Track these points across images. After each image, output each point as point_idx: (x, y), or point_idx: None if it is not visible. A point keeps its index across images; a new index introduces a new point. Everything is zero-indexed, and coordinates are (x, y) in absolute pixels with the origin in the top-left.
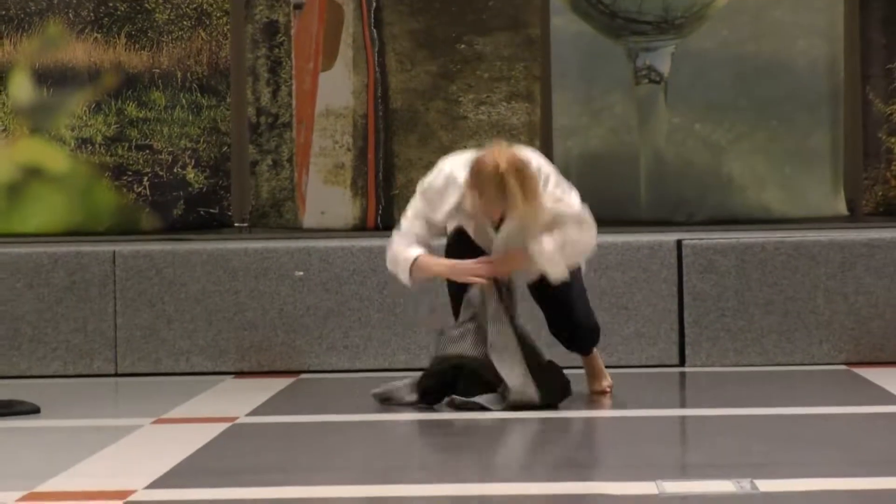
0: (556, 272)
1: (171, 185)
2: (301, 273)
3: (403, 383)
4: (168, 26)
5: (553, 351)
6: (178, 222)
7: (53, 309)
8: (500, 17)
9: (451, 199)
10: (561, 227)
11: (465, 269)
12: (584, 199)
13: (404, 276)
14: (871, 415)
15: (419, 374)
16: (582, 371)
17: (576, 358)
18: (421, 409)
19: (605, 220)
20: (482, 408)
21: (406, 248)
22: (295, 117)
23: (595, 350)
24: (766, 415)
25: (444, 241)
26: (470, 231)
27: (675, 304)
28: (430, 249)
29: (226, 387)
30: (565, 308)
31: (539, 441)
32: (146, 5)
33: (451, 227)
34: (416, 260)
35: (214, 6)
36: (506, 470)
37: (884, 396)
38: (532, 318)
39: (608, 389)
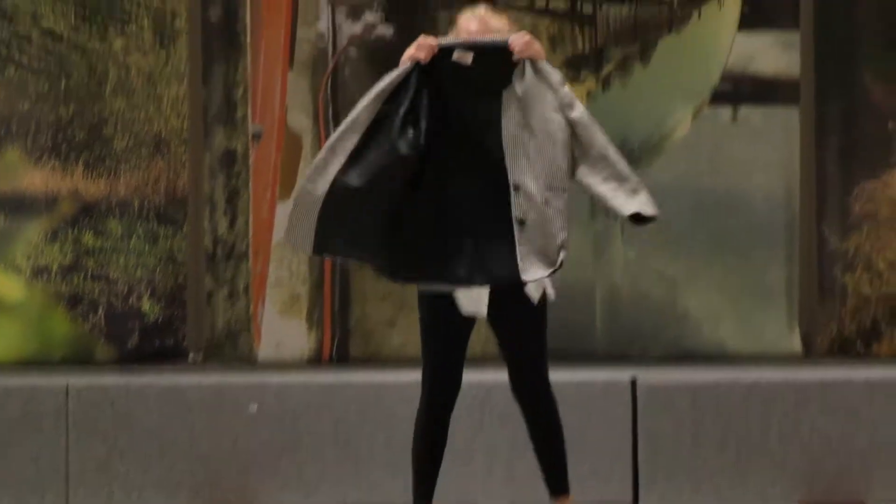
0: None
1: (127, 316)
2: (255, 407)
3: None
4: (126, 154)
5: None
6: (132, 353)
7: (4, 441)
8: None
9: None
10: None
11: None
12: None
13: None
14: None
15: None
16: None
17: None
18: None
19: (561, 352)
20: None
21: None
22: (251, 247)
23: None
24: None
25: None
26: None
27: (630, 442)
28: None
29: None
30: (521, 358)
31: None
32: (104, 132)
33: None
34: None
35: (173, 134)
36: None
37: None
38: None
39: None
